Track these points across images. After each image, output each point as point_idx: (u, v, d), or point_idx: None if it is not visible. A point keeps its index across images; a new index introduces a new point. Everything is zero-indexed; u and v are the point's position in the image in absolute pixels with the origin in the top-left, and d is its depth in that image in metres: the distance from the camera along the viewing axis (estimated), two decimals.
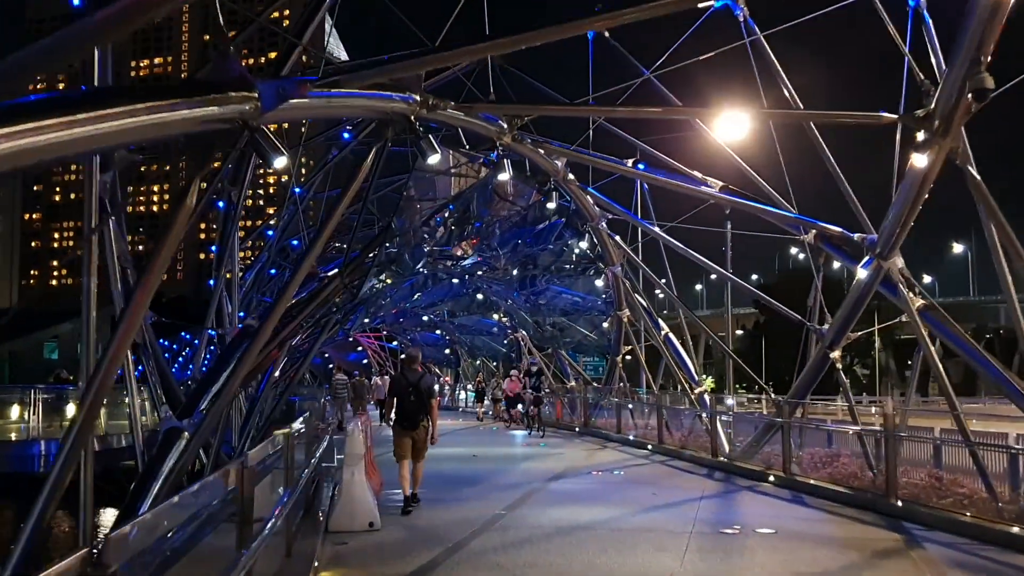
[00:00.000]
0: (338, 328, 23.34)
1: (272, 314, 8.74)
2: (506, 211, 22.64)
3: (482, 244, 23.44)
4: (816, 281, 16.85)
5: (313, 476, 11.55)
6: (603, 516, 10.46)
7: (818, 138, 13.87)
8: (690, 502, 11.74)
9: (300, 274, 9.04)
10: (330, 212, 9.00)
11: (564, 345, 29.56)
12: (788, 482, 13.43)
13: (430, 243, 20.09)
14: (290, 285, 8.88)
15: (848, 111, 11.20)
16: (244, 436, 16.43)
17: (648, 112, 11.33)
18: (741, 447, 16.76)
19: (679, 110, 11.10)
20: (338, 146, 20.71)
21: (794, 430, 14.91)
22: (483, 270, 26.28)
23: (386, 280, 21.52)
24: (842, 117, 11.07)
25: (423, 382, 10.57)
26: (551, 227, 22.15)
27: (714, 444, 16.66)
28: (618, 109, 11.30)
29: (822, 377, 15.02)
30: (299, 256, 10.22)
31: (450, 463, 16.47)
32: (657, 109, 11.25)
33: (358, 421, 11.16)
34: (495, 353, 41.34)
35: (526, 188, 21.98)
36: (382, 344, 59.67)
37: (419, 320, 42.42)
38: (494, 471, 15.22)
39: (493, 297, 30.23)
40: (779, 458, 15.36)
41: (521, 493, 12.43)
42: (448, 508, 11.10)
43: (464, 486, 13.15)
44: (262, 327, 8.71)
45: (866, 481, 12.51)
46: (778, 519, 10.39)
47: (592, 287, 24.41)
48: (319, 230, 9.32)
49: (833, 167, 13.71)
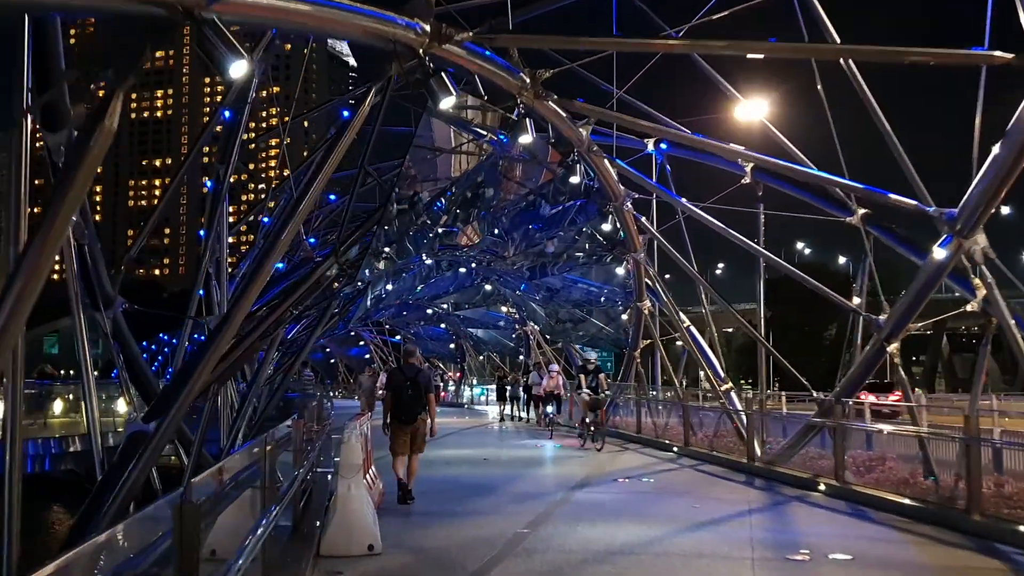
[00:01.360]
0: (336, 320, 21.81)
1: (245, 295, 7.23)
2: (514, 194, 20.99)
3: (489, 230, 21.79)
4: (863, 266, 15.36)
5: (305, 487, 10.04)
6: (642, 536, 8.91)
7: (867, 95, 12.31)
8: (739, 517, 10.20)
9: (279, 247, 7.53)
10: (320, 166, 7.49)
11: (577, 339, 28.01)
12: (842, 492, 11.90)
13: (432, 228, 18.57)
14: (267, 258, 7.38)
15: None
16: (233, 434, 14.94)
17: (712, 46, 9.70)
18: (773, 449, 15.25)
19: (743, 45, 9.44)
20: (337, 125, 19.20)
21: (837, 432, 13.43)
22: (489, 259, 24.66)
23: (386, 265, 19.91)
24: (922, 56, 9.29)
25: (421, 376, 10.53)
26: (564, 211, 20.51)
27: (750, 447, 15.11)
28: (676, 42, 9.67)
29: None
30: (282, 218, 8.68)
31: (460, 467, 14.95)
32: (721, 43, 9.61)
33: (356, 423, 9.63)
34: (502, 348, 39.78)
35: (535, 170, 20.38)
36: (385, 339, 58.16)
37: (423, 313, 40.86)
38: (509, 477, 13.69)
39: (501, 288, 28.63)
40: (818, 461, 13.91)
41: (543, 505, 10.89)
42: (461, 524, 9.57)
43: (477, 496, 11.62)
44: (232, 310, 7.21)
45: (921, 489, 11.05)
46: (848, 540, 8.86)
47: (609, 276, 22.80)
48: (304, 187, 7.78)
49: (887, 132, 12.15)
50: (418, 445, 10.58)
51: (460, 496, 11.58)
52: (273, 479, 5.84)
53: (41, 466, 20.44)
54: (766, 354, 17.67)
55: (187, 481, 3.64)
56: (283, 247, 7.79)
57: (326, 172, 7.34)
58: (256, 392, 14.94)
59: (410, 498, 10.47)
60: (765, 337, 60.05)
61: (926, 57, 9.13)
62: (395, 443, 10.47)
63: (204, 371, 6.91)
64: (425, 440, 10.73)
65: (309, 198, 7.47)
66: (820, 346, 66.46)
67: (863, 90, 12.55)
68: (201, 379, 6.90)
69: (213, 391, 9.17)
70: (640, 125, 12.56)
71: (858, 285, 15.33)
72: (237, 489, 5.02)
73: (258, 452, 5.91)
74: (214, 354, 6.89)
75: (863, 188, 11.85)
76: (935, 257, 10.63)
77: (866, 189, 11.83)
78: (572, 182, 14.82)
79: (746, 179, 16.77)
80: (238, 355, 8.53)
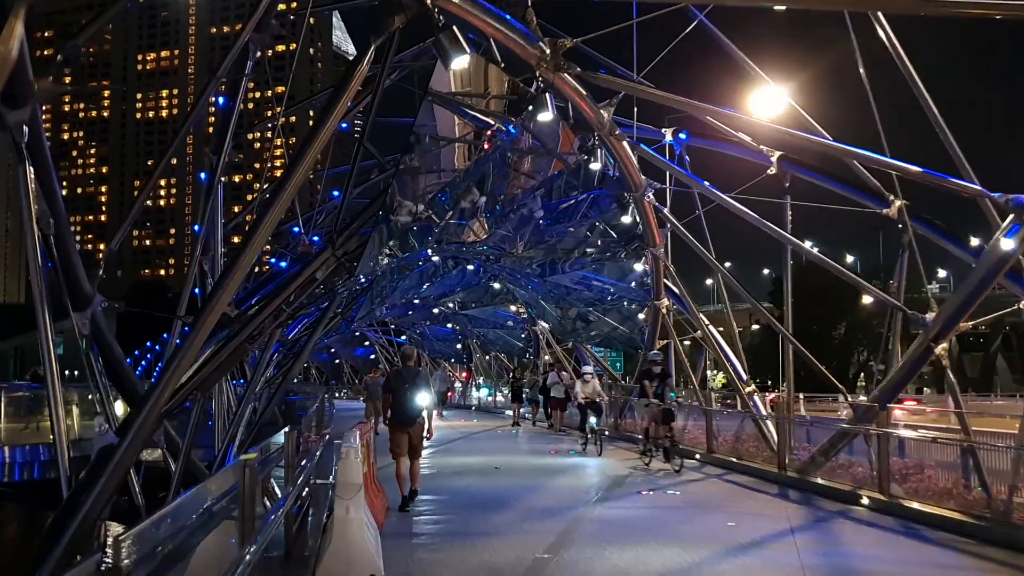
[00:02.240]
0: (338, 320, 20.82)
1: (219, 292, 6.27)
2: (523, 187, 19.87)
3: (496, 224, 20.70)
4: (901, 261, 14.28)
5: (301, 504, 9.04)
6: (680, 562, 7.89)
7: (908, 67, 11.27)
8: (782, 538, 9.17)
9: (259, 236, 6.54)
10: (309, 141, 6.48)
11: (589, 339, 26.94)
12: (888, 506, 10.87)
13: (437, 223, 17.52)
14: (245, 250, 6.40)
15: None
16: (226, 440, 13.98)
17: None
18: (800, 456, 14.23)
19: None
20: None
21: (872, 438, 12.40)
22: (498, 255, 23.56)
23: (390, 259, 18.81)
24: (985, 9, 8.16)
25: (419, 379, 10.61)
26: (577, 204, 19.44)
27: (781, 456, 14.07)
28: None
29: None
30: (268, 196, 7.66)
31: (469, 477, 13.94)
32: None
33: (357, 433, 8.63)
34: (510, 348, 38.72)
35: (544, 162, 19.32)
36: (390, 339, 57.21)
37: (429, 313, 39.84)
38: (523, 489, 12.66)
39: (510, 285, 27.55)
40: (848, 469, 12.89)
41: (563, 523, 9.88)
42: (474, 546, 8.57)
43: (490, 511, 10.61)
44: (205, 310, 6.25)
45: (967, 502, 10.04)
46: (910, 567, 7.86)
47: (623, 273, 21.73)
48: (296, 157, 6.76)
49: (931, 110, 11.11)
50: (416, 448, 10.64)
51: (472, 512, 10.58)
52: (253, 511, 4.85)
53: (30, 473, 19.49)
54: (793, 353, 16.49)
55: (114, 540, 2.64)
56: (263, 236, 6.82)
57: (316, 146, 6.36)
58: (252, 395, 13.96)
59: (413, 502, 10.48)
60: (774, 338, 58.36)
61: (991, 10, 8.02)
62: (395, 445, 10.46)
63: (172, 378, 5.95)
64: (423, 441, 10.79)
65: (296, 177, 6.47)
66: (830, 346, 65.25)
67: (902, 61, 11.51)
68: (169, 387, 5.95)
69: (199, 397, 8.19)
70: (672, 100, 11.48)
71: (896, 281, 14.25)
72: (195, 536, 4.02)
73: (234, 476, 4.91)
74: (184, 359, 5.93)
75: (920, 171, 10.76)
76: (1000, 248, 9.56)
77: (924, 172, 10.73)
78: (593, 168, 13.78)
79: (772, 169, 15.79)
80: (224, 358, 7.55)
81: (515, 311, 34.34)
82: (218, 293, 6.31)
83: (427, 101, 14.41)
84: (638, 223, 16.75)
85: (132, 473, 10.06)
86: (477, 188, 18.06)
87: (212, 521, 4.91)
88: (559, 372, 24.34)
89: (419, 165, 15.81)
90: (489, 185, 19.00)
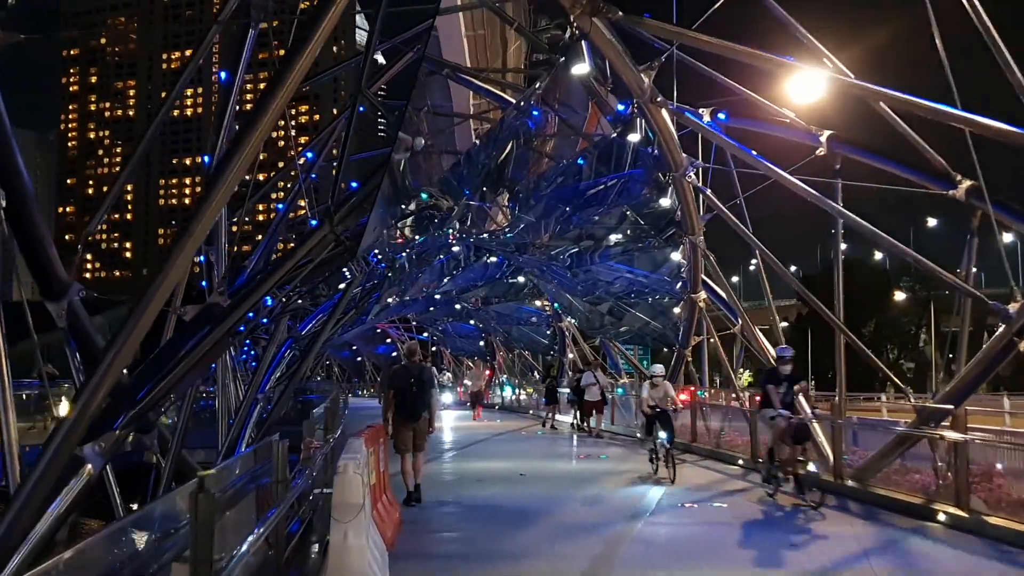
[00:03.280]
0: (353, 315, 19.67)
1: (167, 271, 5.12)
2: (545, 171, 18.49)
3: (521, 211, 19.39)
4: (968, 248, 12.88)
5: (303, 519, 7.91)
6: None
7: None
8: (857, 563, 7.87)
9: (219, 192, 5.34)
10: (288, 64, 5.25)
11: (618, 335, 25.55)
12: (971, 524, 9.53)
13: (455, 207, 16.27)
14: (199, 214, 5.21)
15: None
16: (229, 440, 12.95)
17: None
18: (851, 463, 12.90)
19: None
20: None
21: (938, 444, 11.06)
22: (522, 246, 22.19)
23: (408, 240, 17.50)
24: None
25: (424, 374, 10.80)
26: (606, 190, 18.07)
27: (839, 464, 12.70)
28: None
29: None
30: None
31: (493, 486, 12.72)
32: None
33: (361, 441, 7.44)
34: (535, 345, 37.41)
35: (567, 145, 18.01)
36: (412, 336, 56.23)
37: (451, 309, 38.67)
38: (552, 500, 11.42)
39: (535, 279, 26.20)
40: (904, 477, 11.55)
41: (601, 542, 8.64)
42: (497, 571, 7.37)
43: (515, 526, 9.39)
44: (147, 294, 5.12)
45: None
46: None
47: (655, 265, 20.33)
48: (263, 99, 5.54)
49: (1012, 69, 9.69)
50: (420, 442, 10.68)
51: (494, 527, 9.39)
52: (208, 549, 3.66)
53: None
54: (844, 345, 14.91)
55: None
56: (224, 194, 5.62)
57: (295, 77, 5.15)
58: (256, 393, 12.90)
59: (416, 499, 10.51)
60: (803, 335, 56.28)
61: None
62: (399, 441, 10.54)
63: (109, 373, 4.84)
64: (427, 437, 10.89)
65: (270, 115, 5.27)
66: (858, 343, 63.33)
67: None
68: (106, 383, 4.86)
69: (176, 396, 7.06)
70: (727, 48, 9.99)
71: (964, 270, 12.81)
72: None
73: (180, 505, 3.72)
74: (122, 352, 4.81)
75: (1008, 127, 9.35)
76: None
77: (1012, 129, 9.31)
78: (632, 139, 12.45)
79: (821, 150, 14.49)
80: (202, 354, 6.40)
81: (540, 306, 33.06)
82: (165, 275, 5.14)
83: (441, 76, 13.27)
84: (676, 208, 15.39)
85: (108, 471, 9.05)
86: (497, 172, 16.80)
87: (158, 559, 3.74)
88: (595, 371, 22.21)
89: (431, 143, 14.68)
90: (510, 171, 17.75)
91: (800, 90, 11.87)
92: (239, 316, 6.70)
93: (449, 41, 14.20)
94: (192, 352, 6.36)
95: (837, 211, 12.98)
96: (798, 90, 11.89)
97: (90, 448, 6.53)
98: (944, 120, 10.46)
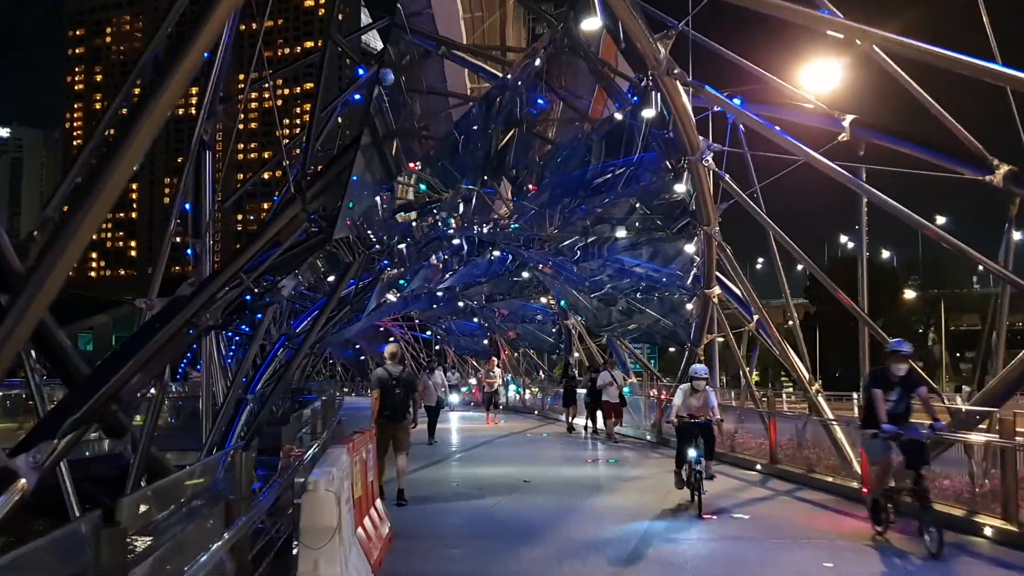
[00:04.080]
0: (349, 312, 18.78)
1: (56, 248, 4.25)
2: (550, 151, 17.48)
3: (521, 202, 18.44)
4: (1006, 238, 11.98)
5: (284, 529, 7.05)
6: None
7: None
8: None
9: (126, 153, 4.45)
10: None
11: (626, 332, 24.61)
12: (1017, 539, 8.59)
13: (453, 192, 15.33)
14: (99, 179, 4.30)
15: None
16: (209, 441, 12.08)
17: None
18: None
19: None
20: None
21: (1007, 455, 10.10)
22: (524, 240, 21.22)
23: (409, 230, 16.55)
24: None
25: (407, 376, 11.24)
26: (615, 179, 17.13)
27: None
28: None
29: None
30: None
31: (495, 495, 11.79)
32: None
33: (342, 450, 6.55)
34: (540, 343, 36.51)
35: (570, 130, 17.06)
36: (415, 334, 55.38)
37: (454, 307, 37.80)
38: (561, 512, 10.51)
39: (539, 274, 25.27)
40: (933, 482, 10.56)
41: (612, 562, 7.73)
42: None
43: (520, 543, 8.48)
44: (32, 276, 4.24)
45: None
46: None
47: (665, 259, 19.38)
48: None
49: None
50: (403, 443, 10.89)
51: (496, 544, 8.49)
52: None
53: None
54: (868, 337, 13.96)
55: None
56: (134, 155, 4.69)
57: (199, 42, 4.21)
58: (238, 392, 12.08)
59: (402, 500, 10.57)
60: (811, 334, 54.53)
61: None
62: (382, 439, 10.63)
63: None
64: (409, 437, 11.07)
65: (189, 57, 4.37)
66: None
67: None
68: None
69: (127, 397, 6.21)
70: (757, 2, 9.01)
71: (1003, 259, 11.89)
72: None
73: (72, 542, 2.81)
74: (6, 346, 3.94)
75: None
76: None
77: None
78: (646, 115, 11.51)
79: (844, 136, 13.64)
80: (157, 347, 5.53)
81: (545, 303, 32.16)
82: (55, 255, 4.24)
83: (437, 57, 12.42)
84: (691, 196, 14.44)
85: (63, 468, 8.32)
86: (497, 160, 15.89)
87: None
88: (612, 371, 20.51)
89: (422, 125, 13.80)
90: (511, 159, 16.84)
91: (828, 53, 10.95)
92: (196, 308, 5.83)
93: (446, 23, 13.33)
94: (144, 348, 5.48)
95: (865, 190, 12.07)
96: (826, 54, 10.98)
97: (23, 459, 5.67)
98: (986, 77, 9.51)
